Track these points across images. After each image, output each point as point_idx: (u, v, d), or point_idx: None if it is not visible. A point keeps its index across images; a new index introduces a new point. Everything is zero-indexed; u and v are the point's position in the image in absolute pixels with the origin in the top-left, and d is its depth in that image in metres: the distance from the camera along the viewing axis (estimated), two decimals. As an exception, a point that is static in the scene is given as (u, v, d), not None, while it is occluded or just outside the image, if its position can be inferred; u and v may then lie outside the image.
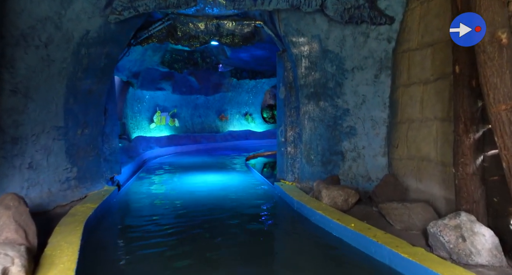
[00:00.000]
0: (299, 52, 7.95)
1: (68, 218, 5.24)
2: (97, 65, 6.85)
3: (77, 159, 6.88)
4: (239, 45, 9.58)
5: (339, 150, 7.77)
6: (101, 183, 7.68)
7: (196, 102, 21.78)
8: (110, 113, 8.21)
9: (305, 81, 8.02)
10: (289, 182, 8.57)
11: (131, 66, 12.34)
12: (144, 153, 15.51)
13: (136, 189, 9.18)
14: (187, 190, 8.91)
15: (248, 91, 24.26)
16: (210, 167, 13.34)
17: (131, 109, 17.09)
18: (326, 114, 7.85)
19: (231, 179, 10.57)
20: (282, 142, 8.83)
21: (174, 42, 9.35)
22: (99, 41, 6.52)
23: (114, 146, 8.42)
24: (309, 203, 6.49)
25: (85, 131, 7.08)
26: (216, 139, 22.33)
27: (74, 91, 6.44)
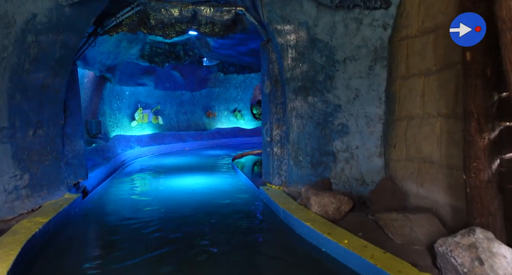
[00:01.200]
0: (285, 41, 7.21)
1: (6, 238, 4.45)
2: (51, 56, 6.03)
3: (29, 164, 6.07)
4: (219, 34, 8.80)
5: (330, 150, 7.07)
6: (61, 190, 6.88)
7: (181, 98, 20.95)
8: (73, 110, 7.40)
9: (292, 74, 7.29)
10: (275, 186, 7.85)
11: (103, 59, 11.48)
12: (123, 153, 14.67)
13: (106, 196, 8.39)
14: (163, 197, 8.15)
15: (237, 87, 23.49)
16: (194, 168, 12.57)
17: (109, 106, 16.21)
18: (316, 111, 7.13)
19: (215, 183, 9.82)
20: (268, 142, 8.10)
21: (147, 31, 8.53)
22: (50, 27, 5.70)
23: (78, 148, 7.61)
24: (296, 212, 5.78)
25: (39, 131, 6.26)
26: (203, 137, 21.54)
27: (22, 85, 5.63)
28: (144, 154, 16.61)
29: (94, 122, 13.49)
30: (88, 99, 13.58)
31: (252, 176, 10.64)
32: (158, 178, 10.74)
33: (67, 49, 6.35)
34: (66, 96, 7.16)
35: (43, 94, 6.18)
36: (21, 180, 5.90)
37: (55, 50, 6.08)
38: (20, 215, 5.65)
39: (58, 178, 6.86)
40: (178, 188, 9.08)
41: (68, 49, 6.38)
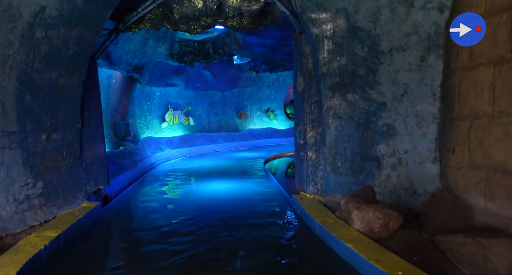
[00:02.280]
0: (321, 32, 6.43)
1: (5, 258, 3.99)
2: (63, 53, 5.61)
3: (42, 171, 5.68)
4: (248, 28, 8.13)
5: (373, 155, 6.19)
6: (79, 198, 6.48)
7: (212, 98, 20.57)
8: (92, 112, 7.00)
9: (329, 69, 6.50)
10: (310, 194, 7.07)
11: (130, 59, 11.16)
12: (152, 156, 14.40)
13: (129, 204, 7.96)
14: (191, 205, 7.60)
15: (270, 86, 22.82)
16: (224, 172, 12.01)
17: (139, 108, 16.04)
18: (356, 110, 6.29)
19: (245, 189, 9.17)
20: (301, 145, 7.33)
21: (170, 26, 8.02)
22: (61, 22, 5.26)
23: (98, 152, 7.20)
24: (335, 228, 4.99)
25: (54, 135, 5.87)
26: (234, 139, 21.05)
27: (32, 86, 5.22)
28: (174, 157, 16.30)
29: (123, 124, 13.27)
30: (116, 100, 13.39)
31: (285, 181, 9.91)
32: (186, 183, 10.26)
33: (82, 46, 5.92)
34: (85, 97, 6.77)
35: (56, 95, 5.77)
36: (34, 188, 5.51)
37: (68, 47, 5.65)
38: (31, 227, 5.24)
39: (76, 185, 6.46)
40: (207, 195, 8.51)
41: (83, 46, 5.95)
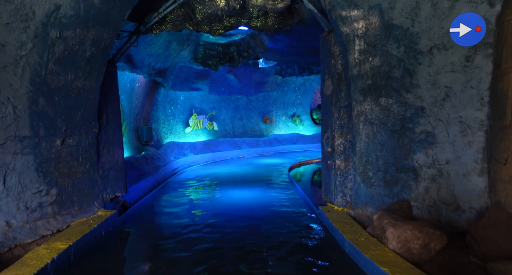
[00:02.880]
0: (351, 30, 5.97)
1: (9, 273, 3.74)
2: (79, 55, 5.40)
3: (57, 177, 5.48)
4: (273, 28, 7.75)
5: (409, 165, 5.64)
6: (94, 206, 6.25)
7: (236, 103, 20.31)
8: (110, 117, 6.79)
9: (360, 71, 6.02)
10: (338, 207, 6.56)
11: (152, 62, 11.01)
12: (175, 161, 14.22)
13: (148, 212, 7.69)
14: (212, 215, 7.25)
15: (295, 90, 22.36)
16: (248, 179, 11.64)
17: (163, 112, 15.96)
18: (390, 115, 5.77)
19: (269, 199, 8.74)
20: (329, 153, 6.84)
21: (192, 27, 7.76)
22: (77, 21, 5.05)
23: (116, 158, 6.98)
24: (367, 248, 4.48)
25: (69, 140, 5.67)
26: (259, 144, 20.67)
27: (46, 89, 5.03)
28: (197, 162, 16.08)
29: (145, 129, 13.16)
30: (140, 105, 13.31)
31: (311, 190, 9.41)
32: (208, 191, 9.95)
33: (99, 47, 5.71)
34: (103, 100, 6.57)
35: (72, 98, 5.57)
36: (47, 196, 5.31)
37: (84, 48, 5.44)
38: (43, 237, 5.02)
39: (92, 192, 6.24)
40: (229, 203, 8.14)
41: (100, 47, 5.74)
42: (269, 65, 17.14)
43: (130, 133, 12.26)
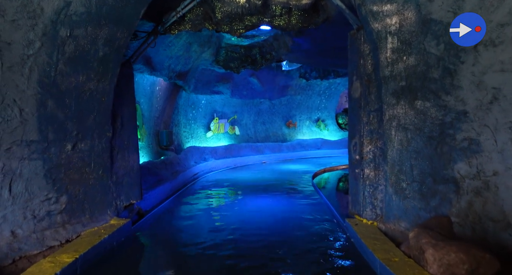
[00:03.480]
0: (383, 27, 5.48)
1: (4, 289, 3.46)
2: (92, 55, 5.15)
3: (67, 184, 5.23)
4: (297, 27, 7.33)
5: (449, 176, 5.07)
6: (107, 215, 5.99)
7: (259, 107, 19.96)
8: (125, 120, 6.53)
9: (392, 71, 5.52)
10: (367, 220, 6.03)
11: (172, 64, 10.79)
12: (196, 166, 13.96)
13: (164, 220, 7.39)
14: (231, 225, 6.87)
15: (320, 94, 21.80)
16: (269, 186, 11.22)
17: (184, 116, 15.77)
18: (427, 120, 5.23)
19: (292, 208, 8.28)
20: (357, 161, 6.33)
21: (212, 27, 7.44)
22: (89, 19, 4.80)
23: (131, 163, 6.72)
24: (403, 271, 3.97)
25: (80, 145, 5.42)
26: (282, 149, 20.21)
27: (55, 90, 4.79)
28: (218, 167, 15.78)
29: (165, 133, 12.96)
30: (160, 108, 13.14)
31: (336, 199, 8.90)
32: (228, 199, 9.59)
33: (113, 47, 5.45)
34: (117, 103, 6.32)
35: (84, 101, 5.33)
36: (56, 203, 5.06)
37: (97, 48, 5.19)
38: (50, 248, 4.76)
39: (105, 200, 5.98)
40: (249, 215, 7.71)
41: (114, 47, 5.48)
42: (292, 68, 16.69)
43: (149, 138, 12.09)
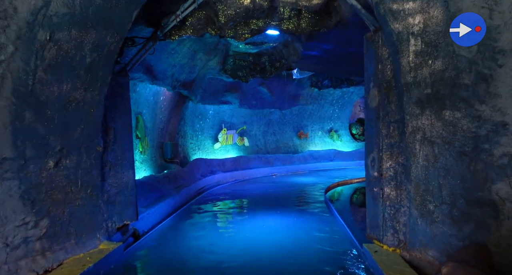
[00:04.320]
0: (405, 27, 4.88)
1: None
2: (78, 61, 4.67)
3: (49, 206, 4.71)
4: (307, 31, 6.78)
5: (486, 198, 4.39)
6: (96, 238, 5.44)
7: (269, 117, 19.41)
8: (118, 134, 6.02)
9: (416, 77, 4.91)
10: (388, 246, 5.35)
11: (176, 73, 10.32)
12: (202, 180, 13.41)
13: (162, 243, 6.79)
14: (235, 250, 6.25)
15: (333, 103, 21.16)
16: (280, 201, 10.60)
17: (191, 127, 15.30)
18: (458, 133, 4.58)
19: (302, 228, 7.63)
20: (375, 178, 5.68)
21: (215, 31, 6.95)
22: (73, 22, 4.33)
23: (125, 180, 6.18)
24: (435, 317, 3.28)
25: (65, 162, 4.91)
26: (293, 161, 19.57)
27: (34, 101, 4.31)
28: (226, 181, 15.20)
29: (170, 145, 12.46)
30: (165, 119, 12.67)
31: (352, 218, 8.21)
32: (235, 216, 9.00)
33: (101, 52, 4.96)
34: (109, 115, 5.82)
35: (69, 112, 4.83)
36: (35, 228, 4.53)
37: (83, 54, 4.71)
38: (23, 280, 4.21)
39: (94, 221, 5.43)
40: (256, 236, 7.10)
41: (103, 52, 4.99)
42: (303, 76, 16.13)
43: (153, 150, 11.60)
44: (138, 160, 10.25)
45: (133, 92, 9.48)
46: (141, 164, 10.38)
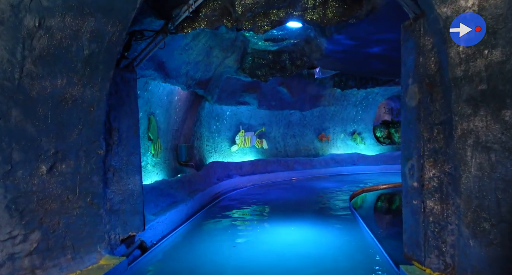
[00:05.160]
0: (455, 11, 4.14)
1: None
2: (74, 53, 4.13)
3: (41, 216, 4.19)
4: (334, 21, 6.09)
5: (557, 217, 3.61)
6: (97, 252, 4.89)
7: (289, 118, 18.73)
8: (124, 135, 5.47)
9: (467, 70, 4.17)
10: (432, 271, 4.59)
11: (190, 71, 9.76)
12: (218, 184, 12.83)
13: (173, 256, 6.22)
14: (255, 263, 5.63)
15: (356, 105, 20.31)
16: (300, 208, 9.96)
17: (207, 129, 14.77)
18: (521, 137, 3.82)
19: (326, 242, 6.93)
20: (414, 189, 4.92)
21: (231, 23, 6.36)
22: (67, 7, 3.79)
23: (131, 187, 5.63)
24: None
25: (60, 166, 4.38)
26: (314, 165, 18.80)
27: (22, 97, 3.79)
28: (243, 185, 14.59)
29: (185, 147, 11.93)
30: (179, 120, 12.16)
31: (381, 231, 7.44)
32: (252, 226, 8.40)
33: (102, 43, 4.41)
34: (113, 115, 5.28)
35: (65, 111, 4.30)
36: (23, 243, 4.01)
37: (80, 44, 4.16)
38: (7, 303, 3.68)
39: (94, 233, 4.88)
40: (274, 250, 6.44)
41: (104, 44, 4.44)
42: (326, 76, 15.38)
43: (166, 153, 11.08)
44: (150, 164, 9.74)
45: (145, 91, 8.97)
46: (153, 168, 9.87)
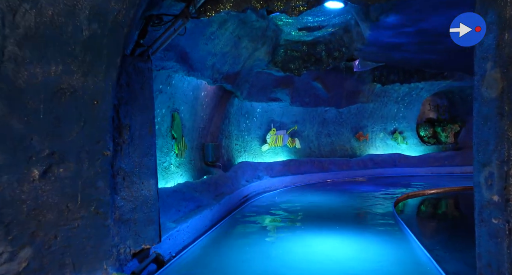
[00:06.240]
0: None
1: None
2: (70, 34, 3.46)
3: (33, 230, 3.56)
4: None
5: None
6: (102, 269, 4.22)
7: (323, 116, 17.76)
8: (136, 134, 4.79)
9: None
10: (520, 311, 3.59)
11: (217, 63, 9.02)
12: (247, 186, 12.10)
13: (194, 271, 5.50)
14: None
15: (398, 101, 19.03)
16: (337, 217, 9.00)
17: (236, 127, 14.07)
18: None
19: (369, 256, 6.01)
20: (494, 204, 3.92)
21: (261, 4, 5.57)
22: (56, -24, 3.13)
23: (144, 193, 4.95)
24: None
25: (58, 170, 3.74)
26: (350, 166, 17.76)
27: (6, 86, 3.15)
28: (274, 187, 13.79)
29: (212, 147, 11.27)
30: (206, 118, 11.50)
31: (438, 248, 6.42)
32: (283, 234, 7.58)
33: (105, 23, 3.72)
34: (124, 110, 4.61)
35: (61, 104, 3.64)
36: (10, 262, 3.39)
37: (77, 24, 3.48)
38: None
39: (99, 248, 4.23)
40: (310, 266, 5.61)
41: (107, 23, 3.75)
42: (366, 69, 14.31)
43: (192, 152, 10.45)
44: (174, 164, 9.12)
45: (167, 86, 8.34)
46: (177, 169, 9.25)
